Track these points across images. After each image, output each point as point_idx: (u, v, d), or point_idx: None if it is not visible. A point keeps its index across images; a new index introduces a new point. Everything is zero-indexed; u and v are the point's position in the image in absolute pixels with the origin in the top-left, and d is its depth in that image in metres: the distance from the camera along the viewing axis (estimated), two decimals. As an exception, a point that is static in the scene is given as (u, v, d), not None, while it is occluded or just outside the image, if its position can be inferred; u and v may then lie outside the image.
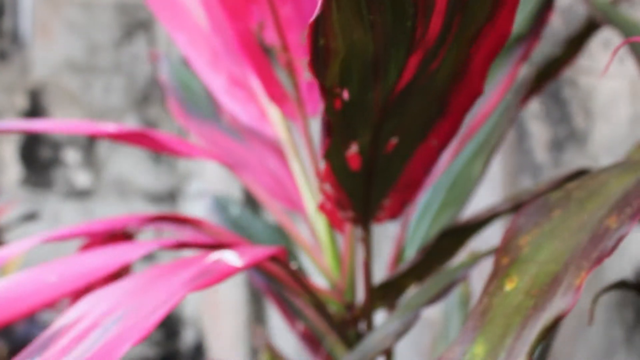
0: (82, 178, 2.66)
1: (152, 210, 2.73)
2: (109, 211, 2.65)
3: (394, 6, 0.37)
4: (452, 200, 0.75)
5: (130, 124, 2.72)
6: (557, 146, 1.15)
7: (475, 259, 0.60)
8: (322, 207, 0.53)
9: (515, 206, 0.60)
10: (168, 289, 0.42)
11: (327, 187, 0.49)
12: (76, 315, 0.42)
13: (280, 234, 0.77)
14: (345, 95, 0.39)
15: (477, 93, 0.44)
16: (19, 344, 2.08)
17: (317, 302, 0.64)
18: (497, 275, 0.37)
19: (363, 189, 0.53)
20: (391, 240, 0.77)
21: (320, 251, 0.70)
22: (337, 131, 0.42)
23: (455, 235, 0.63)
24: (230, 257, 0.48)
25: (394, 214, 0.60)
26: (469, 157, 0.71)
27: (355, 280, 0.69)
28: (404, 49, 0.39)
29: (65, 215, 2.62)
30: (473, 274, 0.73)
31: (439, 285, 0.58)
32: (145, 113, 2.77)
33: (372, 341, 0.51)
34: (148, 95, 2.80)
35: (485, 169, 0.71)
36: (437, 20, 0.39)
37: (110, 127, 0.62)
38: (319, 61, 0.36)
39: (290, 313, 0.76)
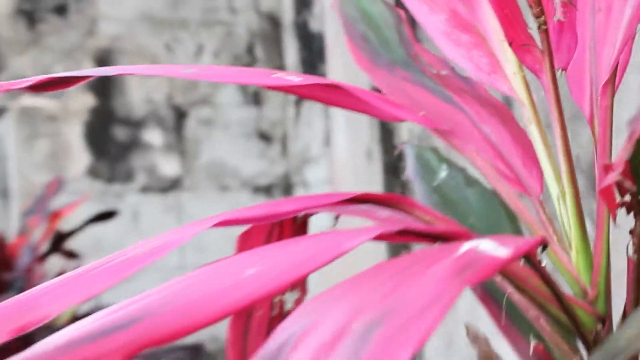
0: (168, 166, 2.73)
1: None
2: (202, 208, 2.71)
3: None
4: None
5: (228, 93, 2.78)
6: None
7: None
8: (604, 191, 0.53)
9: None
10: (433, 284, 0.43)
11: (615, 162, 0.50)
12: (306, 322, 0.44)
13: (504, 213, 0.78)
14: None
15: None
16: None
17: (569, 313, 0.64)
18: None
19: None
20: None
21: (564, 247, 0.70)
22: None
23: None
24: (490, 247, 0.49)
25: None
26: None
27: (609, 287, 0.70)
28: None
29: (146, 213, 2.69)
30: None
31: None
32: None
33: (620, 340, 0.51)
34: (251, 55, 2.85)
35: None
36: None
37: (292, 77, 0.63)
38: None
39: (514, 325, 0.77)
